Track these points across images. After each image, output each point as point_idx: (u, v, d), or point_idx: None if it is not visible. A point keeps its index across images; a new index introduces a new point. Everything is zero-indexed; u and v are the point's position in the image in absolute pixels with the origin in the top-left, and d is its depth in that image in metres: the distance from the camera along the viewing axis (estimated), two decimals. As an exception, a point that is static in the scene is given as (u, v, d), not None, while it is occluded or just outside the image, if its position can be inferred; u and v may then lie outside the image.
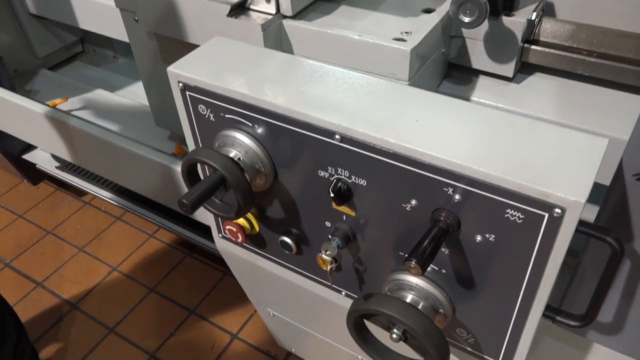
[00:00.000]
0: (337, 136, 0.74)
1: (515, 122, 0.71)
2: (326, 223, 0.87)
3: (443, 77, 1.15)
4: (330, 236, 0.85)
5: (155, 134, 1.70)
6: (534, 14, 1.03)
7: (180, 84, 0.86)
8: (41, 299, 1.95)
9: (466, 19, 0.96)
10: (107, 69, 2.18)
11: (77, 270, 2.05)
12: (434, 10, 1.07)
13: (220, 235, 1.11)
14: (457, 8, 0.96)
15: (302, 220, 0.91)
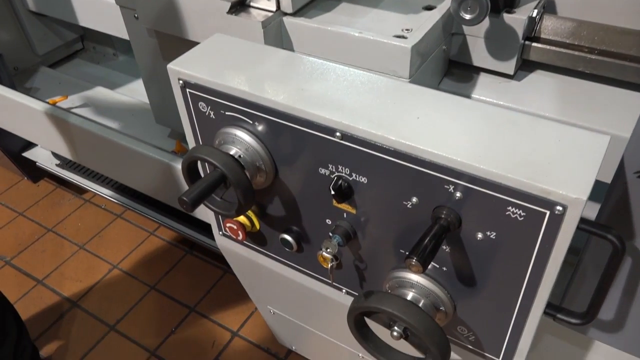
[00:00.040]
0: (338, 133, 0.73)
1: (517, 120, 0.71)
2: (327, 221, 0.87)
3: (444, 75, 1.15)
4: (330, 234, 0.85)
5: (156, 132, 1.70)
6: (535, 11, 1.03)
7: (181, 82, 0.86)
8: (42, 297, 1.95)
9: (467, 16, 0.96)
10: (107, 67, 2.18)
11: (78, 268, 2.05)
12: (435, 7, 1.07)
13: (220, 232, 1.11)
14: (458, 5, 0.96)
15: (303, 217, 0.91)
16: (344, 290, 0.98)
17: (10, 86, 1.80)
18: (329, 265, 0.88)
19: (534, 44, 1.05)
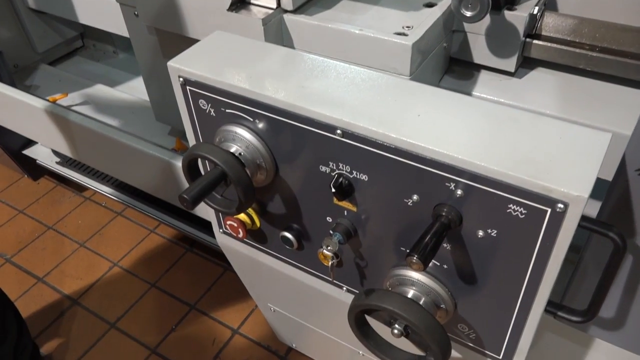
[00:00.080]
0: (339, 131, 0.73)
1: (518, 117, 0.70)
2: (327, 218, 0.87)
3: (444, 72, 1.15)
4: (331, 231, 0.85)
5: (156, 129, 1.70)
6: (536, 8, 1.02)
7: (181, 79, 0.86)
8: (42, 295, 1.95)
9: (468, 13, 0.96)
10: (107, 64, 2.18)
11: (78, 265, 2.05)
12: (436, 4, 1.06)
13: (221, 230, 1.11)
14: (459, 2, 0.96)
15: (303, 215, 0.91)
16: (344, 288, 0.98)
17: (10, 84, 1.80)
18: (330, 263, 0.88)
19: (535, 41, 1.05)
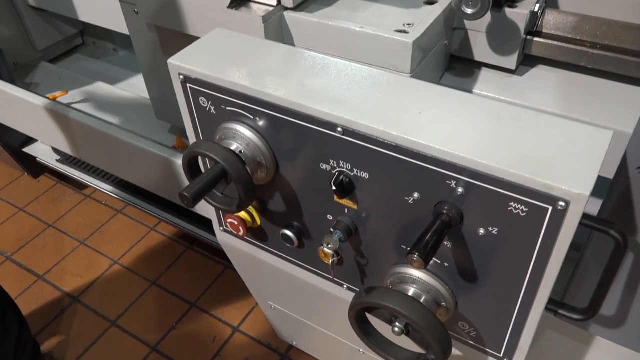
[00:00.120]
0: (339, 129, 0.73)
1: (519, 115, 0.70)
2: (328, 216, 0.87)
3: (445, 70, 1.15)
4: (332, 229, 0.84)
5: (156, 127, 1.69)
6: (537, 6, 1.02)
7: (181, 76, 0.86)
8: (43, 292, 1.96)
9: (469, 11, 0.96)
10: (107, 62, 2.18)
11: (79, 263, 2.05)
12: (436, 1, 1.06)
13: (221, 228, 1.10)
14: (460, -1, 0.95)
15: (304, 213, 0.91)
16: (345, 286, 0.98)
17: (10, 81, 1.80)
18: (330, 261, 0.87)
19: (536, 39, 1.04)
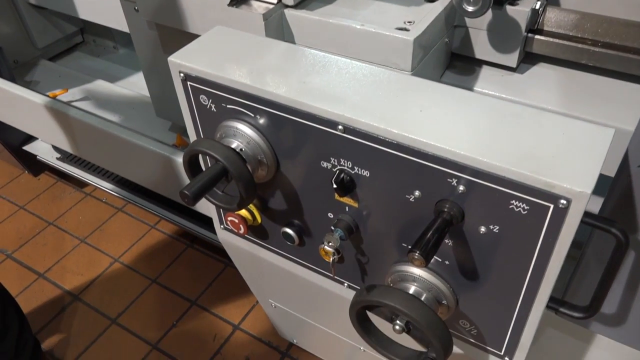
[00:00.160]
0: (340, 127, 0.73)
1: (520, 113, 0.70)
2: (329, 214, 0.87)
3: (446, 68, 1.15)
4: (332, 228, 0.84)
5: (156, 125, 1.69)
6: (538, 3, 1.02)
7: (182, 74, 0.85)
8: (43, 290, 1.96)
9: (470, 8, 0.95)
10: (107, 60, 2.17)
11: (79, 261, 2.05)
12: (437, -1, 1.06)
13: (222, 226, 1.10)
14: (461, -3, 0.95)
15: (305, 211, 0.91)
16: (345, 284, 0.98)
17: (10, 79, 1.79)
18: (331, 259, 0.87)
19: (537, 37, 1.04)
